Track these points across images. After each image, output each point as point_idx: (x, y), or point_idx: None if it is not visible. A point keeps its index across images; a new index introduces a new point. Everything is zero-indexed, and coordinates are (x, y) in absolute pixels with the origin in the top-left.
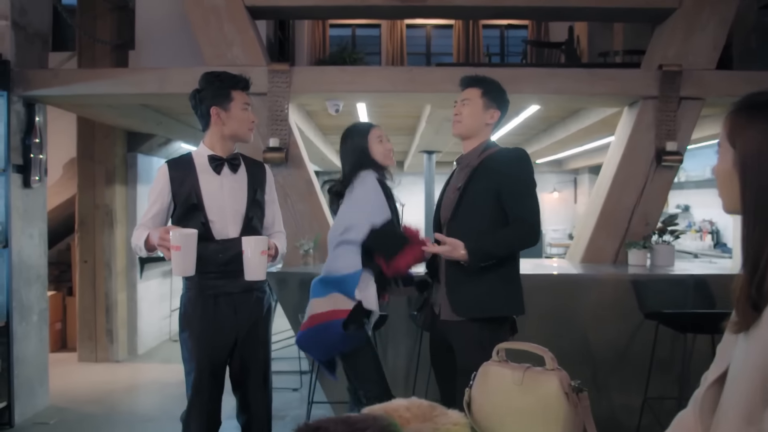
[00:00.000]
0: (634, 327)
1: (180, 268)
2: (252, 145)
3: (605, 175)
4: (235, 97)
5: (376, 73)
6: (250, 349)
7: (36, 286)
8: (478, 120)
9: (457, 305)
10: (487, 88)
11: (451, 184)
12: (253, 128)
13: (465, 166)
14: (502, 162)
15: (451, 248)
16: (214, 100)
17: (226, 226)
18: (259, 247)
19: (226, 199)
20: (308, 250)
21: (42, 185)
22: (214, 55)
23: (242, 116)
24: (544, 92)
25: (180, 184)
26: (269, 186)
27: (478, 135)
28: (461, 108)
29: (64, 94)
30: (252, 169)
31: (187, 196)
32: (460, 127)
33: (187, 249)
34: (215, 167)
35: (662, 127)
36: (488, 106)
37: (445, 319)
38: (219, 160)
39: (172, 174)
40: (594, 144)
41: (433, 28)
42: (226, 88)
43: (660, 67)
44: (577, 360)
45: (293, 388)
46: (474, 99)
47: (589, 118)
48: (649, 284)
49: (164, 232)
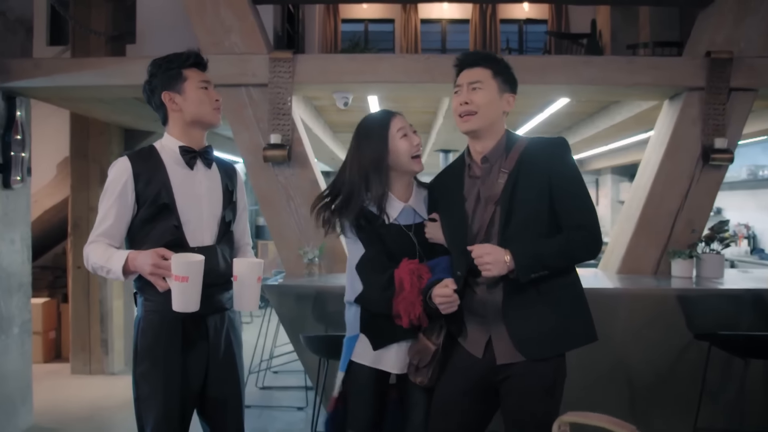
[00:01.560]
0: (680, 348)
1: (183, 302)
2: (251, 141)
3: (644, 175)
4: (189, 76)
5: (388, 62)
6: (224, 382)
7: (18, 295)
8: (496, 108)
9: (525, 343)
10: (498, 67)
11: (469, 193)
12: (219, 108)
13: (490, 168)
14: (546, 157)
15: (490, 256)
16: (165, 85)
17: (202, 231)
18: (254, 273)
19: (203, 198)
20: (313, 259)
21: (25, 186)
22: (210, 43)
23: (200, 96)
24: (577, 82)
25: (146, 182)
26: (240, 190)
27: (496, 127)
28: (471, 95)
29: (47, 85)
30: (223, 168)
31: (156, 194)
32: (476, 120)
33: (195, 280)
34: (188, 160)
35: (709, 121)
36: (503, 90)
37: (501, 363)
38: (192, 152)
39: (136, 170)
40: (623, 142)
41: (448, 23)
42: (176, 68)
43: (708, 54)
44: (613, 385)
45: (298, 406)
46: (486, 81)
47: (621, 114)
48: (698, 300)
49: (157, 257)
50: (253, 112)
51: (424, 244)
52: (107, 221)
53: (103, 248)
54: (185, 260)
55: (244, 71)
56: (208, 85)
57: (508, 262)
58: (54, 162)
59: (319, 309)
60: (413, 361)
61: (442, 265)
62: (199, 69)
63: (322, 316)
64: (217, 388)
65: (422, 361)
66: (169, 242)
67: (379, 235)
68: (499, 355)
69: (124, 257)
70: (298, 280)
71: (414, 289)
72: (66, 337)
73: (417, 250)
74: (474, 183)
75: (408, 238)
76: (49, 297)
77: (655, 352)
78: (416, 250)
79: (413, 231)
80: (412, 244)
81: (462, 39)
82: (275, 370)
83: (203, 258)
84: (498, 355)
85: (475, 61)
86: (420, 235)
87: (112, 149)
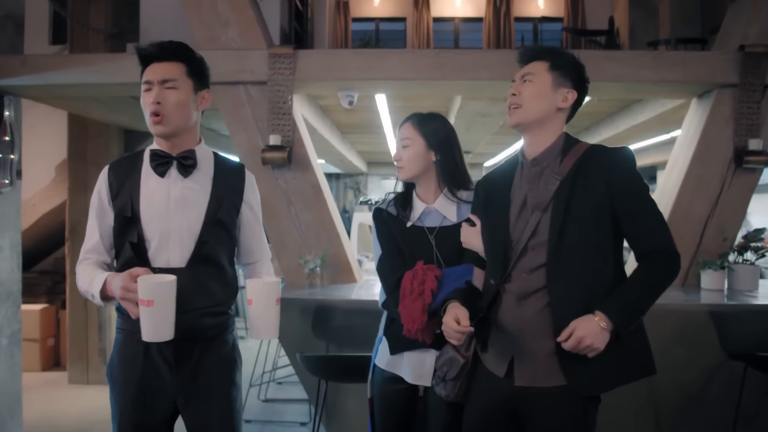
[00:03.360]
0: (711, 368)
1: (152, 331)
2: (250, 142)
3: (670, 179)
4: (143, 77)
5: (396, 57)
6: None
7: (6, 305)
8: (545, 103)
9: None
10: (557, 60)
11: (516, 196)
12: (158, 112)
13: (540, 171)
14: (607, 167)
15: (588, 338)
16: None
17: (167, 250)
18: (272, 295)
19: (173, 212)
20: (314, 269)
21: (14, 190)
22: (206, 38)
23: (143, 101)
24: (598, 79)
25: (117, 193)
26: (249, 198)
27: (548, 125)
28: (521, 87)
29: (35, 83)
30: (223, 173)
31: (122, 206)
32: (520, 113)
33: (163, 304)
34: (156, 167)
35: (743, 121)
36: (559, 84)
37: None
38: (164, 157)
39: (111, 178)
40: (644, 143)
41: (461, 21)
42: (142, 68)
43: (741, 48)
44: (638, 407)
45: (301, 422)
46: (539, 74)
47: (644, 113)
48: (731, 315)
49: (129, 280)
50: (251, 112)
51: (445, 248)
52: (92, 237)
53: (89, 270)
54: (150, 282)
55: (242, 68)
56: (150, 86)
57: (604, 326)
58: (52, 164)
59: (320, 325)
60: (440, 372)
61: (456, 273)
62: (146, 65)
63: (323, 333)
64: (197, 420)
65: (449, 373)
66: (129, 261)
67: (396, 236)
68: (519, 376)
69: (102, 281)
70: (298, 291)
71: (413, 296)
72: (65, 345)
73: (434, 253)
74: (522, 186)
75: (428, 241)
76: (48, 303)
77: (684, 372)
78: (434, 253)
79: (435, 234)
80: (431, 247)
81: (475, 38)
82: (279, 381)
83: (174, 279)
84: (517, 376)
85: (533, 53)
86: (442, 239)
87: (111, 151)
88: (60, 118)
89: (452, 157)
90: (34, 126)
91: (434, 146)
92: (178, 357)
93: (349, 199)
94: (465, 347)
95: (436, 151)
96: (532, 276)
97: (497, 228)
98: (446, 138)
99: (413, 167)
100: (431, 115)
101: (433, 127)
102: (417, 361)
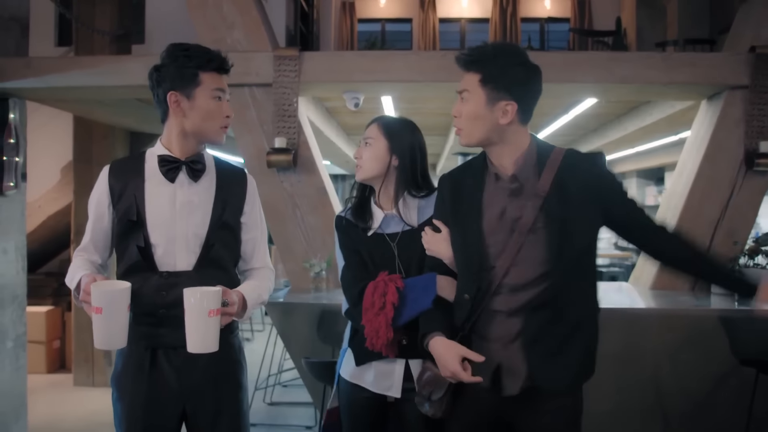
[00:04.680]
0: (721, 374)
1: (101, 338)
2: (255, 145)
3: (680, 182)
4: (204, 81)
5: (402, 59)
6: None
7: (11, 308)
8: (484, 123)
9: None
10: (488, 70)
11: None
12: (228, 126)
13: (520, 188)
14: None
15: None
16: (175, 83)
17: (173, 254)
18: (204, 305)
19: (179, 216)
20: (320, 273)
21: (19, 192)
22: (211, 40)
23: (211, 108)
24: (606, 81)
25: (120, 195)
26: (250, 204)
27: (505, 139)
28: (460, 106)
29: (39, 86)
30: (225, 177)
31: (126, 209)
32: (463, 135)
33: (113, 312)
34: (166, 172)
35: (754, 123)
36: (494, 99)
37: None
38: (173, 162)
39: (112, 180)
40: (652, 145)
41: (467, 22)
42: (193, 67)
43: (752, 49)
44: (645, 413)
45: (307, 425)
46: (473, 91)
47: (652, 115)
48: (742, 320)
49: (88, 285)
50: (256, 114)
51: (406, 255)
52: (87, 235)
53: (76, 265)
54: (101, 289)
55: (247, 70)
56: (222, 95)
57: None
58: (58, 166)
59: (325, 329)
60: (423, 392)
61: (420, 285)
62: (220, 73)
63: (329, 337)
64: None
65: (435, 393)
66: (134, 265)
67: (357, 245)
68: (508, 385)
69: (77, 281)
70: (304, 296)
71: (375, 310)
72: (70, 347)
73: (396, 261)
74: (498, 198)
75: (390, 249)
76: (53, 305)
77: (694, 377)
78: (396, 261)
79: (397, 240)
80: (393, 256)
81: (482, 38)
82: (285, 383)
83: (127, 287)
84: (506, 386)
85: (465, 63)
86: (404, 245)
87: (117, 153)
88: (65, 120)
89: (415, 165)
90: (39, 128)
91: (396, 151)
92: (186, 362)
93: None
94: None
95: (398, 155)
96: (522, 293)
97: (470, 240)
98: (410, 145)
99: (370, 168)
100: (401, 121)
101: (399, 132)
102: (384, 371)
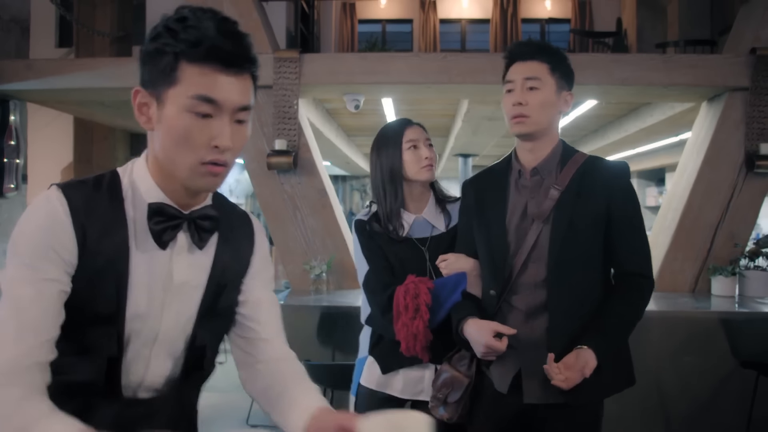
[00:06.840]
0: (722, 376)
1: None
2: (255, 147)
3: (680, 184)
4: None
5: (402, 61)
6: None
7: None
8: (552, 110)
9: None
10: (556, 60)
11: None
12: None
13: (540, 181)
14: (607, 182)
15: (578, 369)
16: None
17: (144, 365)
18: None
19: (166, 304)
20: (320, 275)
21: (20, 194)
22: None
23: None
24: (607, 82)
25: (93, 255)
26: (256, 267)
27: (550, 133)
28: (527, 95)
29: (40, 88)
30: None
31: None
32: (528, 123)
33: None
34: (159, 233)
35: (754, 124)
36: (561, 88)
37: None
38: (176, 218)
39: (83, 219)
40: (652, 146)
41: (468, 22)
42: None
43: (753, 51)
44: (647, 416)
45: None
46: (544, 79)
47: (653, 116)
48: (743, 322)
49: None
50: (256, 116)
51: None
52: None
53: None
54: None
55: None
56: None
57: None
58: (59, 168)
59: (325, 331)
60: (439, 394)
61: (450, 284)
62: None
63: (329, 340)
64: None
65: (452, 395)
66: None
67: (384, 250)
68: (528, 393)
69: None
70: (304, 298)
71: (410, 313)
72: None
73: (427, 266)
74: (521, 195)
75: (420, 253)
76: None
77: (695, 379)
78: (426, 265)
79: (427, 245)
80: (424, 260)
81: (482, 39)
82: None
83: None
84: (526, 393)
85: (531, 53)
86: (434, 250)
87: (117, 154)
88: (66, 121)
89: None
90: (40, 129)
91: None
92: None
93: (356, 202)
94: (467, 365)
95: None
96: (538, 291)
97: (495, 236)
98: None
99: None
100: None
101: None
102: (414, 377)
